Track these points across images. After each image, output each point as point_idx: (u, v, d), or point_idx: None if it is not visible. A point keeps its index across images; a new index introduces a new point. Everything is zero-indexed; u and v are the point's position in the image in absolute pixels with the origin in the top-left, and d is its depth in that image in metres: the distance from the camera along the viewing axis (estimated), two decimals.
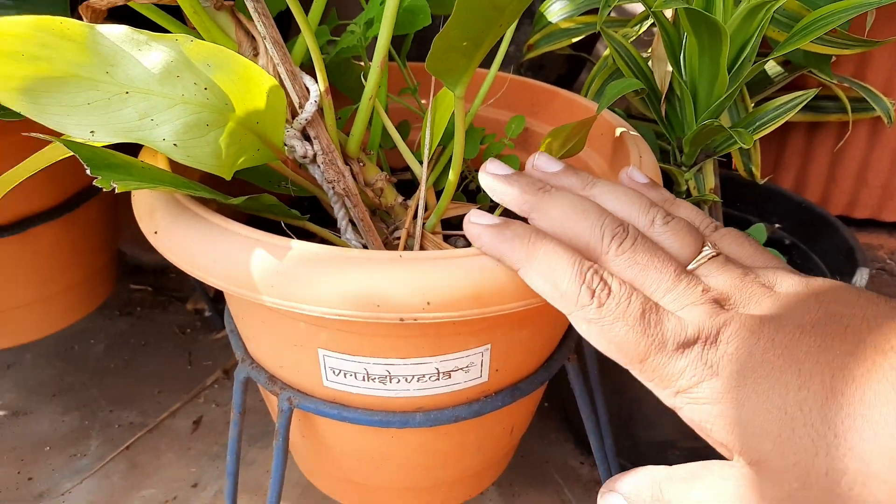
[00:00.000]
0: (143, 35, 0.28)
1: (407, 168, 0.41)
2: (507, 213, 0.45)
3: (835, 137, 0.54)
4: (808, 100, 0.44)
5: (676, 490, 0.26)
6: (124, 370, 0.71)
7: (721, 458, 0.27)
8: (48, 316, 0.58)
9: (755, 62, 0.41)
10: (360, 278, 0.27)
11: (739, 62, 0.41)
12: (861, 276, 0.47)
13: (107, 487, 0.59)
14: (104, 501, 0.58)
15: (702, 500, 0.25)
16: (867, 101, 0.50)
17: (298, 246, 0.28)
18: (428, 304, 0.27)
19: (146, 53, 0.28)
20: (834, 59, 0.47)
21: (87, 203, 0.55)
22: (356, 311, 0.27)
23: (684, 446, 0.54)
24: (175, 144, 0.28)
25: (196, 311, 0.78)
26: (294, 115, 0.34)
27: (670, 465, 0.59)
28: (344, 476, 0.41)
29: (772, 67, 0.51)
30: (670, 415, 0.52)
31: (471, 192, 0.47)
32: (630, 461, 0.58)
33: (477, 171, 0.46)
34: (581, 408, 0.43)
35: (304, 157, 0.34)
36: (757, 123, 0.45)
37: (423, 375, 0.34)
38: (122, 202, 0.35)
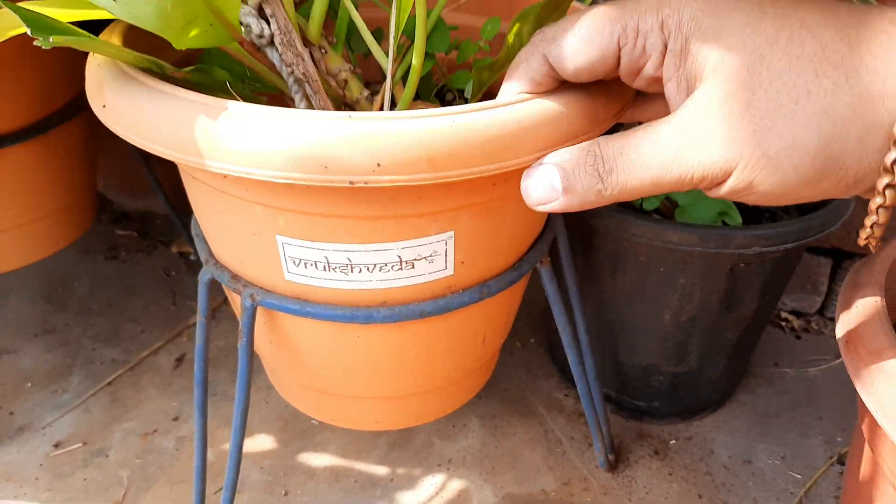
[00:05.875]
0: None
1: (382, 81, 0.40)
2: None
3: None
4: None
5: (615, 144, 0.26)
6: (108, 311, 0.70)
7: None
8: (25, 245, 0.57)
9: None
10: (307, 138, 0.26)
11: None
12: None
13: (87, 420, 0.59)
14: (85, 433, 0.58)
15: (636, 137, 0.25)
16: None
17: (240, 106, 0.27)
18: (378, 165, 0.26)
19: None
20: None
21: (62, 127, 0.55)
22: (303, 173, 0.26)
23: (668, 370, 0.53)
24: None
25: (181, 253, 0.77)
26: None
27: (656, 390, 0.58)
28: (313, 385, 0.41)
29: None
30: (651, 336, 0.51)
31: (448, 103, 0.46)
32: (614, 389, 0.57)
33: (452, 73, 0.45)
34: (556, 316, 0.42)
35: (261, 36, 0.33)
36: None
37: (386, 264, 0.33)
38: (101, 132, 0.33)
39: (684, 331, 0.50)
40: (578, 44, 0.26)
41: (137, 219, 0.82)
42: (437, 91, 0.44)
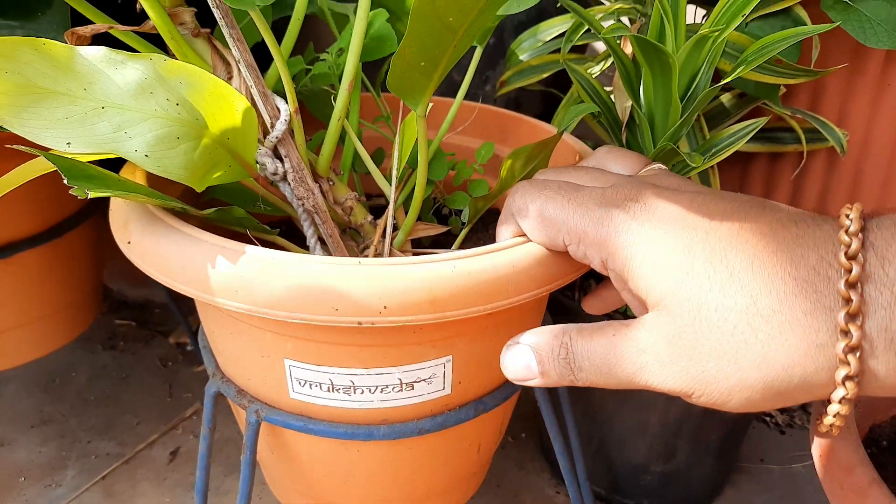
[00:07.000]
0: (119, 55, 0.30)
1: (382, 195, 0.43)
2: (475, 228, 0.47)
3: (793, 167, 0.56)
4: (760, 127, 0.46)
5: (585, 346, 0.28)
6: (105, 402, 0.71)
7: None
8: (30, 341, 0.58)
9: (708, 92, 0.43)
10: (319, 282, 0.28)
11: (691, 90, 0.43)
12: None
13: None
14: None
15: (602, 345, 0.27)
16: (821, 132, 0.52)
17: (260, 252, 0.29)
18: (385, 308, 0.29)
19: (122, 72, 0.30)
20: (784, 90, 0.50)
21: (73, 231, 0.57)
22: (315, 314, 0.28)
23: (657, 470, 0.54)
24: (146, 155, 0.30)
25: (178, 344, 0.78)
26: (266, 134, 0.36)
27: (645, 489, 0.59)
28: (313, 494, 0.42)
29: (728, 100, 0.53)
30: (642, 436, 0.53)
31: (444, 217, 0.49)
32: (604, 487, 0.58)
33: (448, 195, 0.48)
34: (549, 427, 0.44)
35: (275, 174, 0.36)
36: (713, 150, 0.47)
37: (387, 386, 0.35)
38: (108, 234, 0.36)
39: (671, 432, 0.52)
40: (533, 225, 0.30)
41: (136, 307, 0.83)
42: (435, 209, 0.47)
